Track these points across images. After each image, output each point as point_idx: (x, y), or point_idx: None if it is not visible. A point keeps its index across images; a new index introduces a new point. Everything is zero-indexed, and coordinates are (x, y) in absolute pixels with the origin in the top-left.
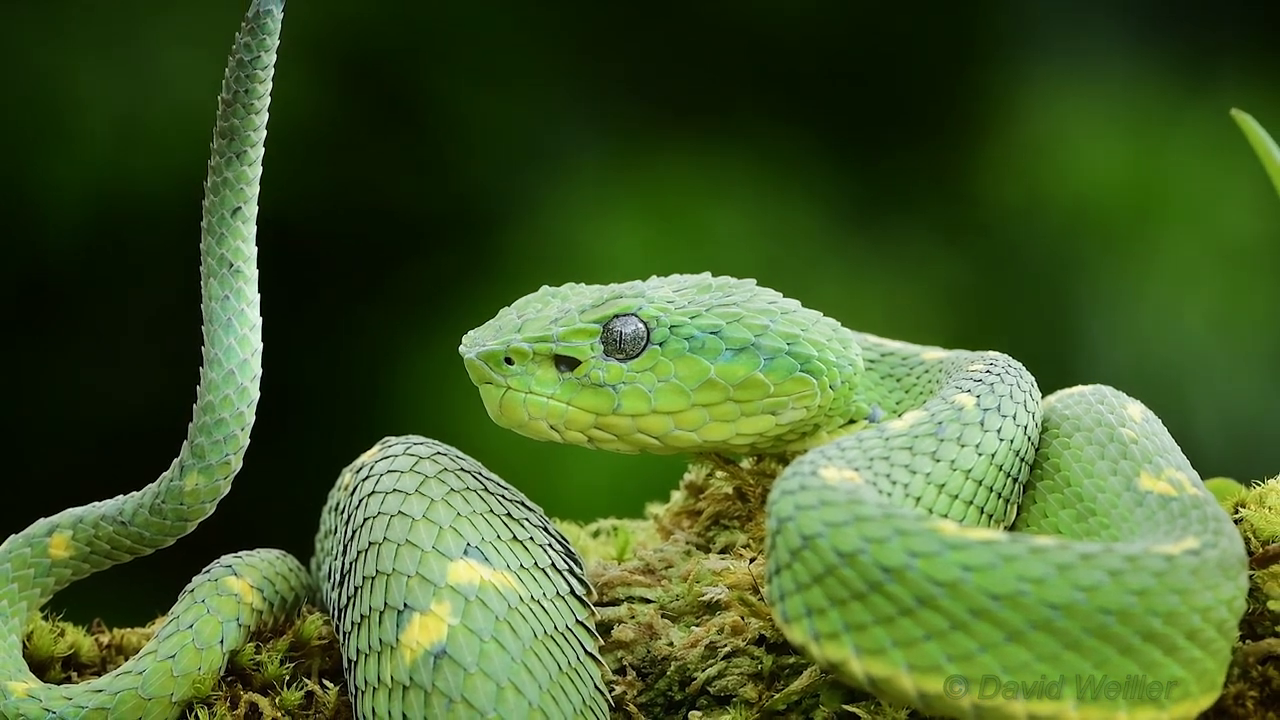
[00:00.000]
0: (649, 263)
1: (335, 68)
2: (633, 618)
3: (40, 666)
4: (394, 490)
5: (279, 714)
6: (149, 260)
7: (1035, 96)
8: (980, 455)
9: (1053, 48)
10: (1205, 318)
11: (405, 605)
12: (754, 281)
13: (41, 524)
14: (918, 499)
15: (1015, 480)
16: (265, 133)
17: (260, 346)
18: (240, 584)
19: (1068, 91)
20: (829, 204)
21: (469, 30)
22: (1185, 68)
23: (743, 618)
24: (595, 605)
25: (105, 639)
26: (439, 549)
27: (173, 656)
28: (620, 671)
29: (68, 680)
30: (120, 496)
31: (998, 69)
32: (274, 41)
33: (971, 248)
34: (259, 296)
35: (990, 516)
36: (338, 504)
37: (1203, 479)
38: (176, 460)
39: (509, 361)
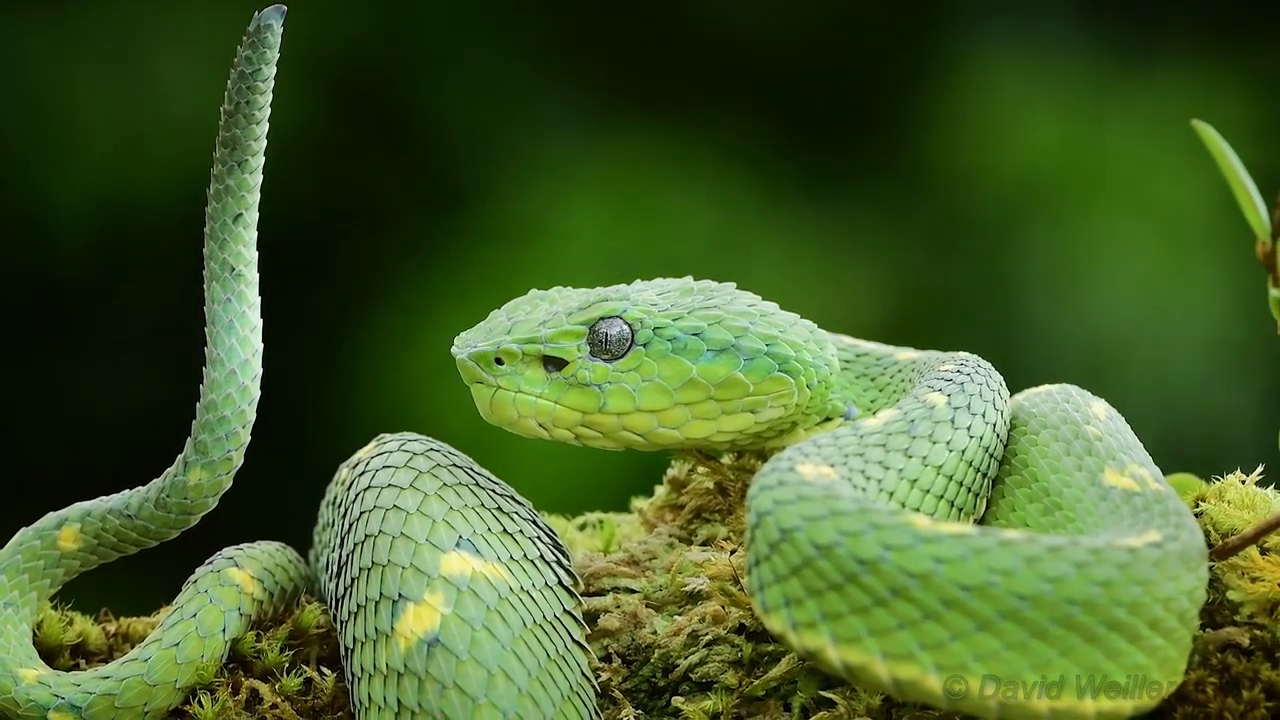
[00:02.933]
0: (608, 240)
1: (324, 79)
2: (618, 607)
3: (50, 654)
4: (389, 485)
5: (279, 700)
6: (152, 268)
7: (978, 72)
8: (951, 451)
9: (996, 24)
10: (1143, 288)
11: (400, 595)
12: (734, 285)
13: (51, 517)
14: (891, 494)
15: (985, 476)
16: (266, 142)
17: (261, 347)
18: (241, 575)
19: (1010, 67)
20: (775, 181)
21: (443, 29)
22: (1126, 44)
23: (723, 607)
24: (582, 595)
25: (112, 628)
26: (432, 541)
27: (177, 644)
28: (606, 659)
29: (76, 667)
30: (126, 491)
31: (941, 46)
32: (274, 54)
33: (916, 222)
34: (259, 299)
35: (961, 510)
36: (335, 498)
37: (1164, 474)
38: (180, 456)
39: (499, 362)
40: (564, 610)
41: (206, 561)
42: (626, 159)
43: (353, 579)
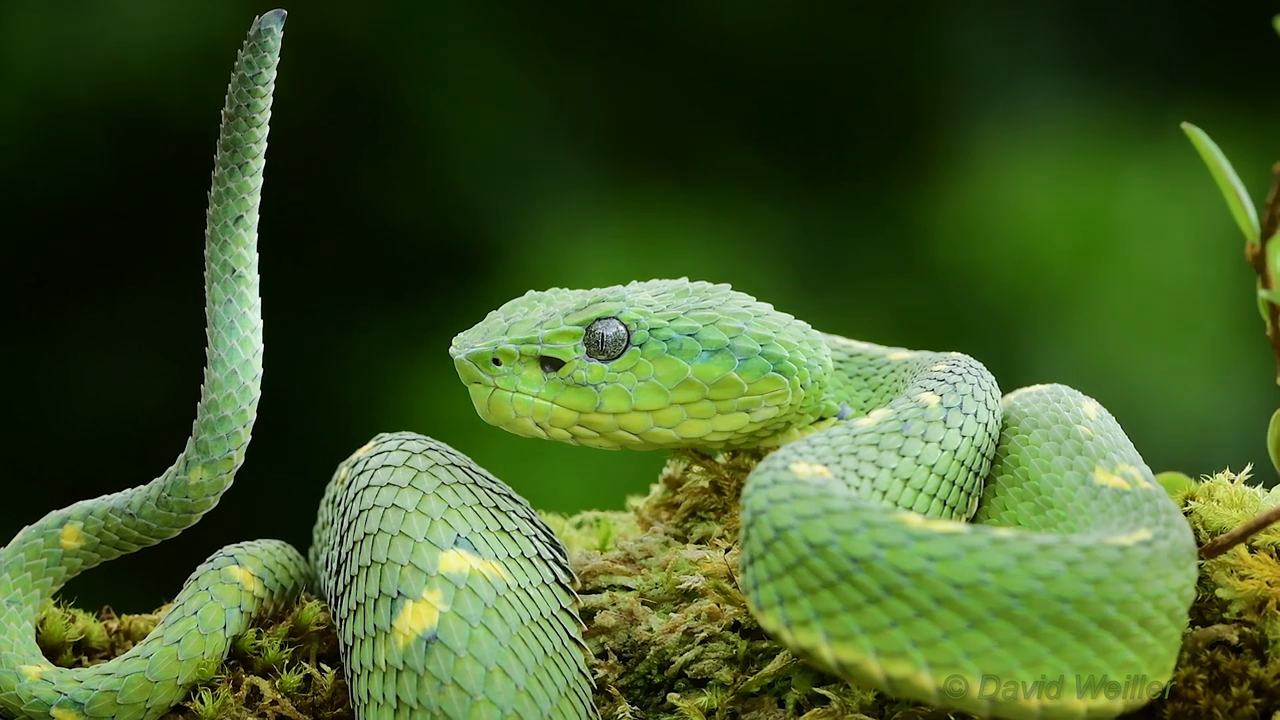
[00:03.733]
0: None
1: (332, 90)
2: (614, 605)
3: (52, 651)
4: (388, 484)
5: (279, 696)
6: (156, 266)
7: (985, 146)
8: (943, 451)
9: (1000, 100)
10: (1152, 359)
11: (399, 593)
12: (729, 286)
13: (53, 516)
14: (884, 492)
15: (976, 475)
16: (266, 145)
17: (261, 347)
18: (242, 572)
19: (1016, 140)
20: (787, 247)
21: (468, 70)
22: (1127, 116)
23: (718, 605)
24: (578, 593)
25: (114, 625)
26: (430, 539)
27: (178, 641)
28: (602, 656)
29: (78, 664)
30: (128, 490)
31: (950, 119)
32: (274, 59)
33: (924, 291)
34: (260, 300)
35: (953, 509)
36: (334, 497)
37: (1154, 473)
38: (182, 455)
39: (496, 362)
40: (561, 607)
41: (208, 559)
42: (644, 210)
43: (352, 576)
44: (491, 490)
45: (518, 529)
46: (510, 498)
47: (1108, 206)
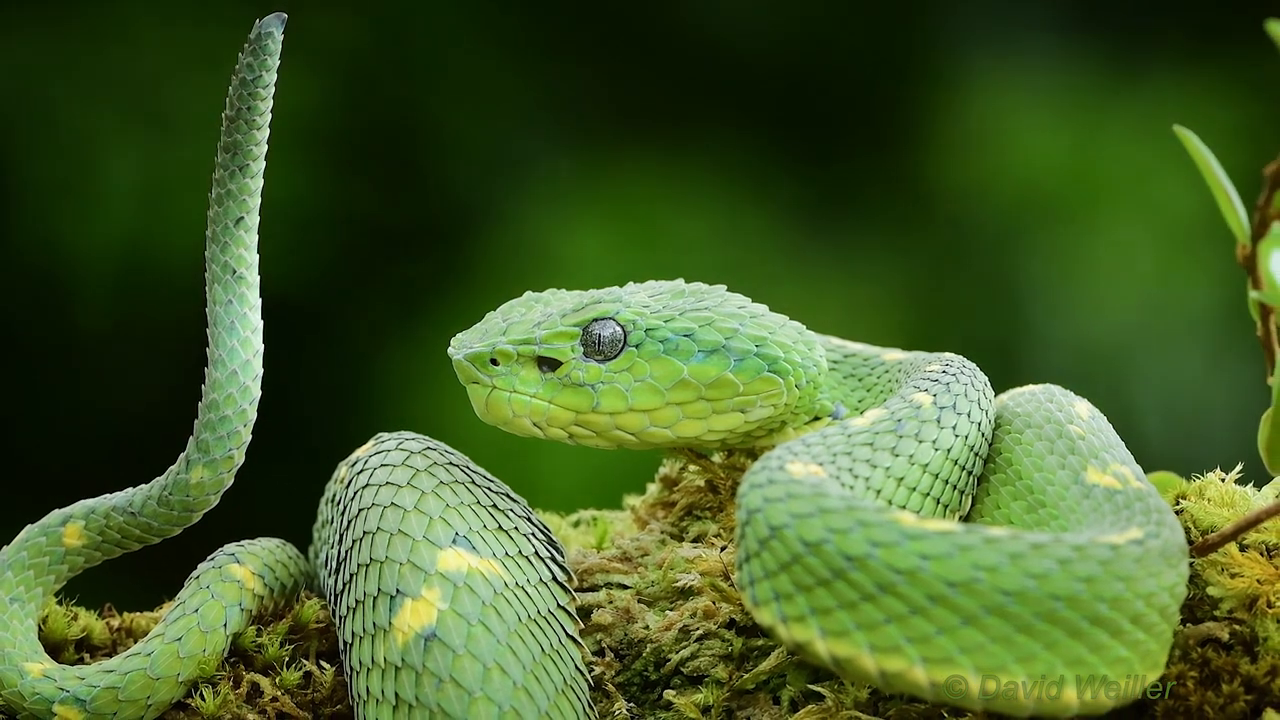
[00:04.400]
0: (612, 264)
1: (322, 91)
2: (611, 603)
3: (55, 648)
4: (387, 483)
5: (279, 693)
6: (168, 318)
7: (974, 90)
8: (937, 450)
9: (989, 42)
10: (1142, 294)
11: (398, 591)
12: (724, 287)
13: (56, 514)
14: (878, 491)
15: (969, 474)
16: (266, 147)
17: (261, 348)
18: (242, 571)
19: (1005, 83)
20: (782, 207)
21: (445, 49)
22: (1117, 55)
23: (714, 603)
24: (576, 591)
25: (116, 622)
26: (429, 538)
27: (179, 639)
28: (599, 653)
29: (80, 661)
30: (130, 489)
31: (937, 67)
32: (274, 62)
33: (920, 241)
34: (260, 301)
35: (946, 508)
36: (334, 496)
37: (1145, 472)
38: (183, 455)
39: (494, 363)
40: (558, 605)
41: (208, 557)
42: (631, 183)
43: (351, 575)
44: (489, 489)
45: (515, 527)
46: (508, 496)
47: (1095, 145)
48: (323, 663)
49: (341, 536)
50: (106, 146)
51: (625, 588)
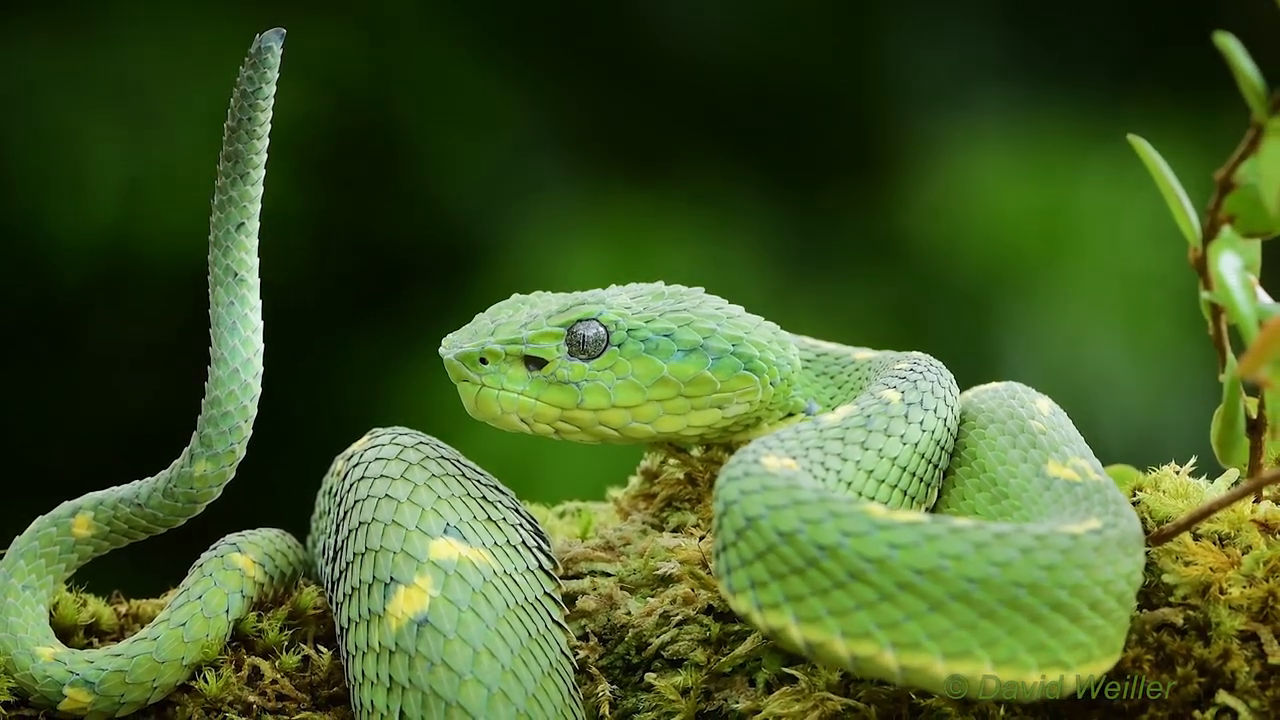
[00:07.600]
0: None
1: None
2: (595, 590)
3: (65, 634)
4: (381, 476)
5: (278, 675)
6: (152, 308)
7: (952, 143)
8: (905, 444)
9: (964, 99)
10: (1110, 342)
11: (391, 579)
12: (703, 289)
13: (66, 506)
14: (849, 484)
15: (936, 467)
16: (266, 155)
17: (261, 347)
18: (244, 559)
19: (981, 137)
20: (763, 247)
21: (450, 84)
22: (1087, 113)
23: (693, 590)
24: (561, 578)
25: (123, 609)
26: (421, 528)
27: (184, 624)
28: (584, 638)
29: (89, 646)
30: (136, 482)
31: (917, 119)
32: (274, 74)
33: (894, 291)
34: (260, 302)
35: (914, 499)
36: (331, 488)
37: (1103, 467)
38: (187, 449)
39: (483, 361)
40: (544, 592)
41: (211, 547)
42: (624, 213)
43: (347, 563)
44: (479, 481)
45: (504, 518)
46: (497, 488)
47: (1066, 201)
48: (320, 647)
49: (338, 527)
50: (92, 142)
51: (608, 575)
